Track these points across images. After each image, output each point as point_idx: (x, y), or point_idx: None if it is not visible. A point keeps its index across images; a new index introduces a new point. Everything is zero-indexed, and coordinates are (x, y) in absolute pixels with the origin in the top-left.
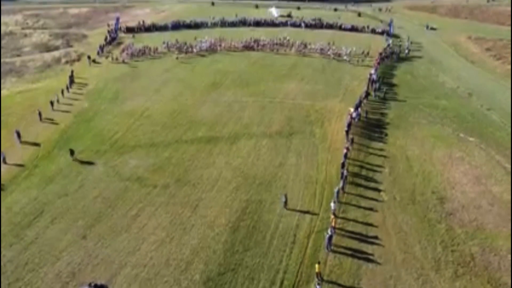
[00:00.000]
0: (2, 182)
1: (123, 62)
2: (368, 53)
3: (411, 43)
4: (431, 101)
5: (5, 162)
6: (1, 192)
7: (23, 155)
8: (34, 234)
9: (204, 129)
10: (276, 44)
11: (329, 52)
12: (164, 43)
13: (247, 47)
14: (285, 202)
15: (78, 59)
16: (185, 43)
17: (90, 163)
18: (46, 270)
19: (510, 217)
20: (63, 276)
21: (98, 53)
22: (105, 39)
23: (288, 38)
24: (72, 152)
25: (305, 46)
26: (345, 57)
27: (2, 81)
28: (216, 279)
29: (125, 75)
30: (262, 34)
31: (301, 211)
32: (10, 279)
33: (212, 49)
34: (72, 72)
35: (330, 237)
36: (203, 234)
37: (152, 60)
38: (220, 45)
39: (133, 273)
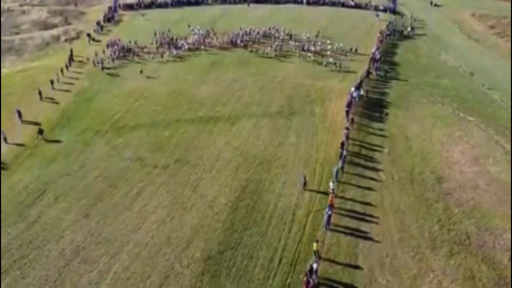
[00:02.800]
0: (4, 162)
1: (102, 69)
2: (356, 50)
3: (414, 20)
4: (433, 80)
5: (6, 142)
6: (4, 171)
7: (24, 135)
8: (38, 212)
9: (204, 108)
10: (256, 41)
11: (309, 54)
12: (155, 34)
13: (226, 47)
14: (304, 183)
15: (77, 37)
16: (176, 39)
17: (91, 143)
18: (50, 248)
19: (507, 197)
20: (67, 254)
21: (96, 31)
22: (104, 16)
23: (276, 28)
24: (41, 131)
25: (290, 37)
26: (330, 59)
27: (2, 60)
28: (216, 257)
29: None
30: (260, 15)
31: (300, 191)
32: (15, 256)
33: (196, 48)
34: (71, 51)
35: (329, 216)
36: (203, 213)
37: (136, 65)
38: (204, 43)
39: (135, 251)
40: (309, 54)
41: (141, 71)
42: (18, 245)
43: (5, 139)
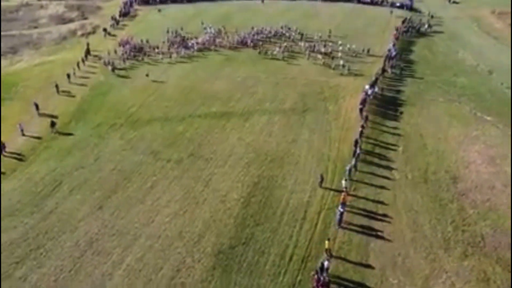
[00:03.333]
0: (21, 153)
1: (113, 70)
2: (368, 51)
3: (432, 17)
4: (450, 78)
5: (23, 134)
6: (22, 162)
7: (41, 127)
8: (54, 204)
9: (218, 104)
10: (267, 40)
11: (319, 56)
12: (168, 32)
13: (237, 47)
14: (321, 182)
15: (93, 32)
16: (187, 38)
17: (106, 136)
18: (65, 239)
19: None
20: (81, 245)
21: (112, 26)
22: (120, 11)
23: (288, 26)
24: (53, 124)
25: (301, 37)
26: (340, 62)
27: (19, 53)
28: (227, 252)
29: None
30: (275, 11)
31: (312, 188)
32: (31, 246)
33: (206, 48)
34: (88, 45)
35: (341, 214)
36: (215, 208)
37: (147, 66)
38: (214, 43)
39: (147, 244)
40: (318, 55)
41: (147, 75)
42: (35, 235)
43: (22, 131)
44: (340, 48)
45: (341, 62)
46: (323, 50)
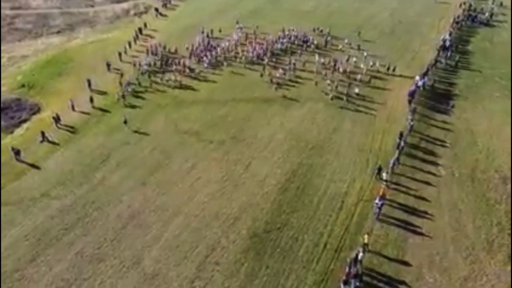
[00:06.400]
0: (74, 126)
1: (123, 96)
2: (394, 69)
3: (497, 5)
4: (509, 72)
5: (73, 110)
6: (74, 135)
7: (91, 103)
8: (101, 176)
9: (260, 89)
10: (289, 50)
11: (328, 83)
12: (203, 32)
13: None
14: (378, 173)
15: (146, 12)
16: (214, 46)
17: (151, 115)
18: (109, 210)
19: None
20: (124, 217)
21: (164, 6)
22: None
23: (321, 29)
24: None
25: (326, 44)
26: (356, 90)
27: (76, 30)
28: (262, 236)
29: (188, 28)
30: (317, 2)
31: (351, 179)
32: (79, 214)
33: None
34: (145, 24)
35: (380, 207)
36: (253, 192)
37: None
38: (235, 50)
39: (185, 222)
40: (328, 82)
41: (125, 121)
42: (82, 205)
43: (72, 106)
44: (362, 66)
45: (356, 90)
46: (341, 69)
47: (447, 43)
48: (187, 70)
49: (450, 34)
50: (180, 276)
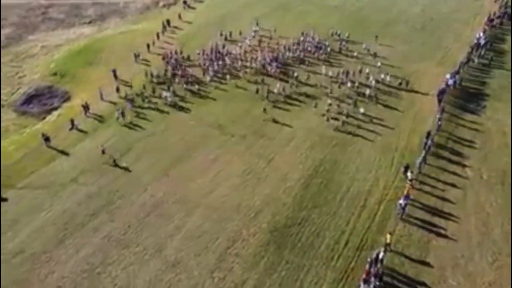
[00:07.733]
0: (101, 115)
1: (131, 123)
2: (408, 83)
3: None
4: None
5: (102, 99)
6: (101, 124)
7: (117, 94)
8: (126, 165)
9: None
10: (300, 58)
11: (329, 101)
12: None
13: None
14: (405, 172)
15: (174, 3)
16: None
17: (175, 107)
18: (133, 199)
19: None
20: (146, 206)
21: None
22: None
23: (339, 33)
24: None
25: (340, 51)
26: (361, 110)
27: (107, 21)
28: (282, 230)
29: (216, 21)
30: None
31: (375, 177)
32: (104, 202)
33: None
34: (179, 15)
35: (404, 207)
36: (275, 186)
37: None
38: (244, 58)
39: (206, 213)
40: (329, 101)
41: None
42: (107, 193)
43: (101, 96)
44: (372, 80)
45: (362, 110)
46: (349, 84)
47: (481, 41)
48: (188, 84)
49: (484, 32)
50: (200, 265)
